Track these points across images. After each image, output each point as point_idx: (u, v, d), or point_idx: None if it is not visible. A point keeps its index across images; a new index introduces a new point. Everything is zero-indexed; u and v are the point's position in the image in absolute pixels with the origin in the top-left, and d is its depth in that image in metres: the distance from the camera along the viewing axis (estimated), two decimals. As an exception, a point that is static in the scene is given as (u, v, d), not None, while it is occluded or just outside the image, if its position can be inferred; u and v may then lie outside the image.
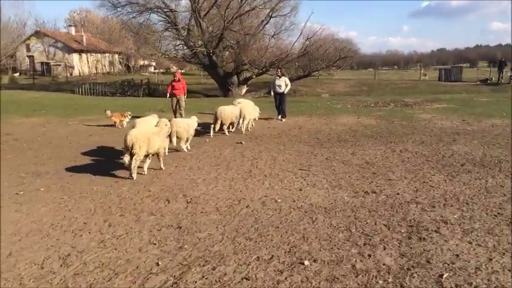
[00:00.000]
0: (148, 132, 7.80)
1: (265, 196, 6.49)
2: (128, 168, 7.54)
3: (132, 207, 6.05)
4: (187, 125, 9.77)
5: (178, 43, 32.06)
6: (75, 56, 54.29)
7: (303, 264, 4.23)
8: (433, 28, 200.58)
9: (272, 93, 14.90)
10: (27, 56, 55.36)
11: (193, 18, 29.18)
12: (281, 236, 4.93)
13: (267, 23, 31.55)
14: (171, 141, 9.29)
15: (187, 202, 6.22)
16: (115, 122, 13.65)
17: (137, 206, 6.06)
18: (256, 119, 13.58)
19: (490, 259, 4.29)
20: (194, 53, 30.43)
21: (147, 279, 3.96)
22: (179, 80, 14.50)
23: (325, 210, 5.84)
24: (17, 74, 50.40)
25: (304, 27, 31.76)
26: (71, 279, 3.96)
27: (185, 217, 5.61)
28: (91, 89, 31.45)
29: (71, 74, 50.79)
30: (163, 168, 8.22)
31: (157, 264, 4.26)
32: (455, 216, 5.47)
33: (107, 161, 9.06)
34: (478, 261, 4.25)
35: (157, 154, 8.07)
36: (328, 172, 7.94)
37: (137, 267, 4.20)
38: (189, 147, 9.98)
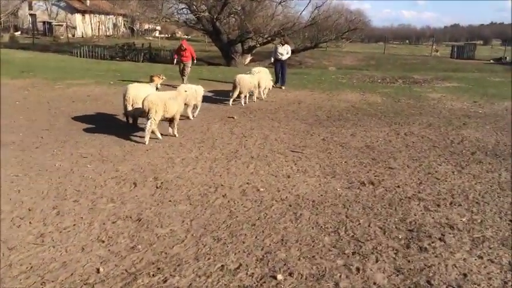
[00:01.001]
0: (165, 97, 7.68)
1: (247, 183, 5.69)
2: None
3: (91, 190, 5.27)
4: (195, 91, 9.50)
5: (181, 7, 30.71)
6: (77, 17, 52.69)
7: (275, 278, 3.46)
8: (448, 3, 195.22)
9: (272, 59, 14.99)
10: (29, 15, 53.87)
11: (198, -21, 27.72)
12: (256, 237, 4.15)
13: (275, -11, 30.00)
14: None
15: (157, 187, 5.43)
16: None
17: (97, 190, 5.28)
18: (270, 88, 13.14)
19: (506, 282, 3.51)
20: (198, 18, 29.12)
21: (78, 293, 3.22)
22: (185, 49, 14.48)
23: (312, 204, 5.05)
24: (18, 33, 49.10)
25: (314, -6, 30.19)
26: (-16, 288, 3.24)
27: (149, 206, 4.83)
28: (90, 51, 30.33)
29: (73, 35, 49.45)
30: (177, 136, 8.08)
31: (98, 271, 3.49)
32: (463, 220, 4.67)
33: (82, 132, 8.27)
34: (491, 284, 3.47)
35: (171, 119, 7.97)
36: (323, 156, 7.13)
37: (72, 274, 3.44)
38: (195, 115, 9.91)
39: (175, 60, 14.90)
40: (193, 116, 9.77)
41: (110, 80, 15.26)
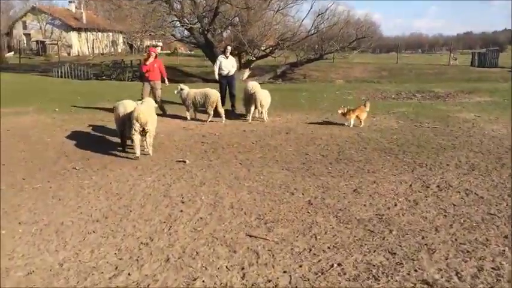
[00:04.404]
0: (151, 108, 7.62)
1: None
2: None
3: None
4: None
5: (172, 19, 27.88)
6: (73, 35, 50.44)
7: None
8: (461, 10, 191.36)
9: (217, 76, 11.51)
10: (24, 34, 51.86)
11: (186, -12, 24.95)
12: None
13: (273, -3, 26.98)
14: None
15: None
16: None
17: None
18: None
19: None
20: (189, 31, 26.30)
21: None
22: (154, 57, 10.49)
23: None
24: (12, 53, 46.89)
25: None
26: None
27: None
28: (72, 70, 27.27)
29: (69, 54, 47.14)
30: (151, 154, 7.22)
31: None
32: None
33: None
34: None
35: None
36: (301, 247, 3.99)
37: None
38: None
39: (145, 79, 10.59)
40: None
41: (57, 107, 12.28)
